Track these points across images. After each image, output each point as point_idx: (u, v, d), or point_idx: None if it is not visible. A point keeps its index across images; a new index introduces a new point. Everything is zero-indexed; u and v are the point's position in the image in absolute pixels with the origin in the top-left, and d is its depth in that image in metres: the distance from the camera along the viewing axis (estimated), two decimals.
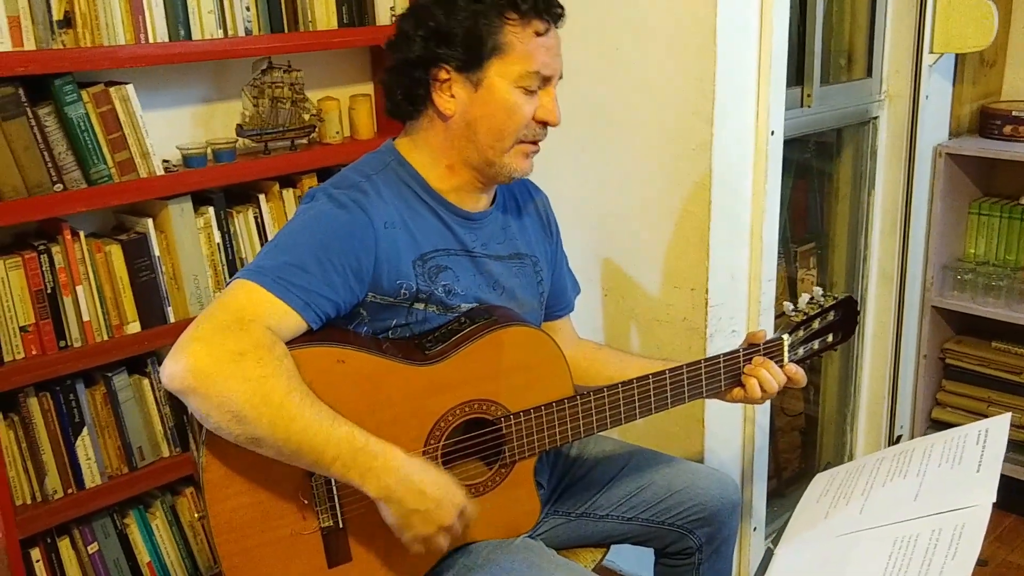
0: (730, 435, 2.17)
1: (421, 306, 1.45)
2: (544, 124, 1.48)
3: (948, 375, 2.85)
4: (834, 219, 2.64)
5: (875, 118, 2.51)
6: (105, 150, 1.98)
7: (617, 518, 1.72)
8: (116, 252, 2.04)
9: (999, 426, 1.43)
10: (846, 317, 1.69)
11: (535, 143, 1.49)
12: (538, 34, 1.43)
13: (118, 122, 1.99)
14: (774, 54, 1.97)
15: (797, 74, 2.31)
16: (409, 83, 1.47)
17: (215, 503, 1.31)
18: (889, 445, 2.66)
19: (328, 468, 1.27)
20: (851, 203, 2.59)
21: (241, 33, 2.15)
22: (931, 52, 2.46)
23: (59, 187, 1.92)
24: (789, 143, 2.43)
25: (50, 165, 1.90)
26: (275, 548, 1.35)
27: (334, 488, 1.36)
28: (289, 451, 1.25)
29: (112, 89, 1.98)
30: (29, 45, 1.86)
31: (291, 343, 1.31)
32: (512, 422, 1.44)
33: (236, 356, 1.23)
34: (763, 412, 2.22)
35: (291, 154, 2.26)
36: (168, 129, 2.21)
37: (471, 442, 1.44)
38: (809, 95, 2.29)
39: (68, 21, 1.91)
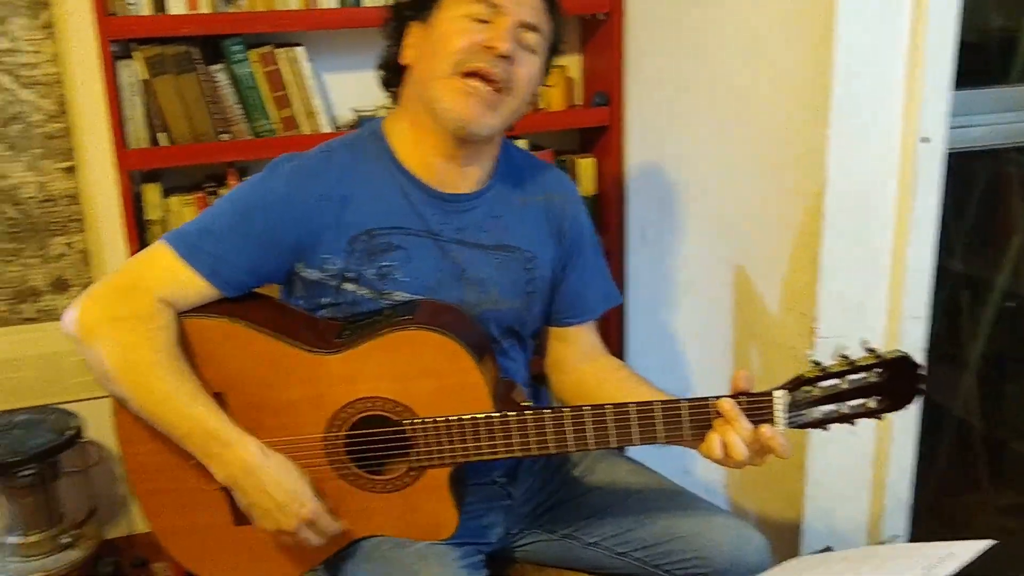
0: (849, 493, 1.84)
1: (351, 287, 1.43)
2: (490, 50, 1.38)
3: None
4: None
5: None
6: (269, 106, 2.17)
7: (607, 550, 1.55)
8: None
9: (963, 553, 1.09)
10: (898, 381, 1.34)
11: (479, 77, 1.38)
12: None
13: (282, 81, 2.17)
14: (930, 42, 1.58)
15: None
16: (389, 57, 1.52)
17: (125, 444, 1.42)
18: None
19: (181, 442, 1.34)
20: None
21: None
22: None
23: (225, 136, 2.16)
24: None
25: (217, 116, 2.14)
26: (182, 496, 1.43)
27: None
28: (147, 417, 1.34)
29: (280, 51, 2.16)
30: (205, 9, 2.09)
31: (192, 311, 1.38)
32: (418, 426, 1.37)
33: (113, 320, 1.33)
34: (902, 481, 1.84)
35: None
36: (357, 90, 2.34)
37: (378, 438, 1.40)
38: None
39: None
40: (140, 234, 2.12)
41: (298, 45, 2.17)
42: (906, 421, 1.80)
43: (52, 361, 2.34)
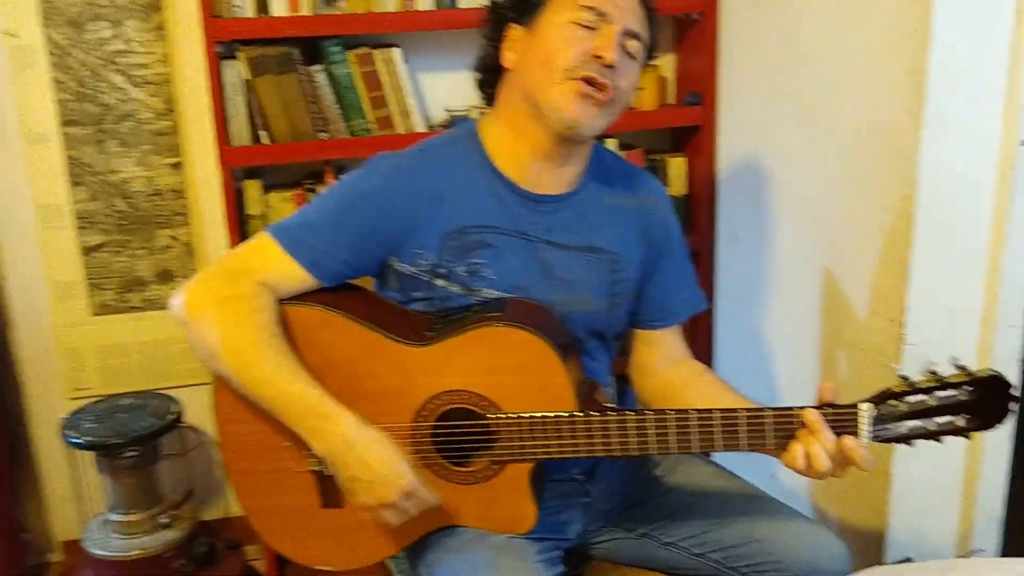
0: (936, 505, 1.80)
1: (441, 283, 1.47)
2: (598, 59, 1.40)
3: None
4: None
5: None
6: (366, 106, 2.23)
7: (684, 550, 1.56)
8: None
9: None
10: (988, 400, 1.31)
11: (592, 84, 1.40)
12: None
13: (379, 82, 2.22)
14: None
15: None
16: (487, 58, 1.54)
17: (223, 423, 1.49)
18: None
19: (281, 417, 1.38)
20: None
21: None
22: None
23: (324, 135, 2.22)
24: None
25: (316, 116, 2.21)
26: (273, 477, 1.49)
27: None
28: (248, 393, 1.39)
29: (377, 52, 2.22)
30: (305, 11, 2.15)
31: (291, 299, 1.44)
32: (502, 421, 1.40)
33: (218, 301, 1.40)
34: (993, 495, 1.79)
35: None
36: (450, 91, 2.39)
37: (463, 431, 1.43)
38: None
39: None
40: (241, 228, 2.20)
41: (394, 46, 2.23)
42: (999, 434, 1.76)
43: (156, 348, 2.45)
